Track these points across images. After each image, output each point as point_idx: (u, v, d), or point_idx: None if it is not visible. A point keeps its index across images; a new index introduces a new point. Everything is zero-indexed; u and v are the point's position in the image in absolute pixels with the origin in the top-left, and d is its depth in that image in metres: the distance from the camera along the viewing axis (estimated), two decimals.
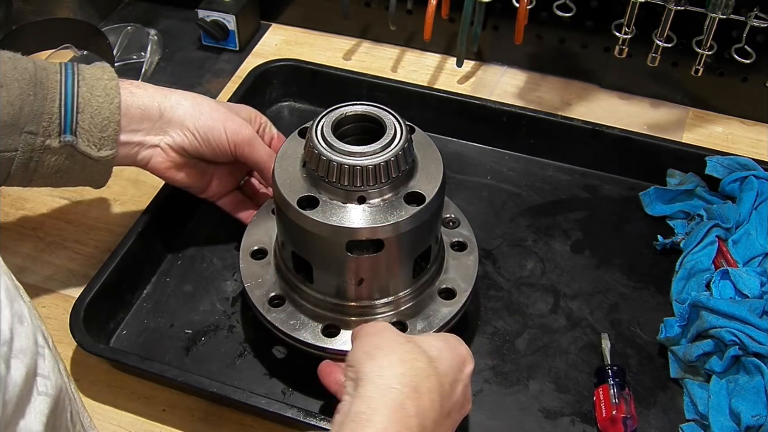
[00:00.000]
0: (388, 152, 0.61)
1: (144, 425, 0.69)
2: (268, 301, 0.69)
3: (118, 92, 0.68)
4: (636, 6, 0.85)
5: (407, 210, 0.62)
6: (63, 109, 0.66)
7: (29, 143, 0.65)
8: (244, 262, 0.71)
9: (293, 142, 0.67)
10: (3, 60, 0.66)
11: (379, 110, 0.64)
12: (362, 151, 0.61)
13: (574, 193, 0.86)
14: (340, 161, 0.60)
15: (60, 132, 0.66)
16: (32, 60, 0.68)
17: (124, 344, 0.73)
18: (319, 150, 0.61)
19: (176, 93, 0.72)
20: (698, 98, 0.97)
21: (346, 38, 1.07)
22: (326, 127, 0.63)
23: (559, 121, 0.88)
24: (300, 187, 0.64)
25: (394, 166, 0.61)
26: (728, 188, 0.80)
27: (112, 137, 0.68)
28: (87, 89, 0.67)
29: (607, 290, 0.77)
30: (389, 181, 0.62)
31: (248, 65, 1.01)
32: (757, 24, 0.84)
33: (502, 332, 0.74)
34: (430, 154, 0.67)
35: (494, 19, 0.99)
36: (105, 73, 0.69)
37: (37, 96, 0.65)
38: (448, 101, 0.90)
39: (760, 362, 0.64)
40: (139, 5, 1.14)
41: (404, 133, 0.62)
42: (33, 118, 0.65)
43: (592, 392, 0.69)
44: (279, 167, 0.66)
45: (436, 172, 0.65)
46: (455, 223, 0.75)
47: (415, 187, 0.64)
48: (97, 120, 0.67)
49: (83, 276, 0.78)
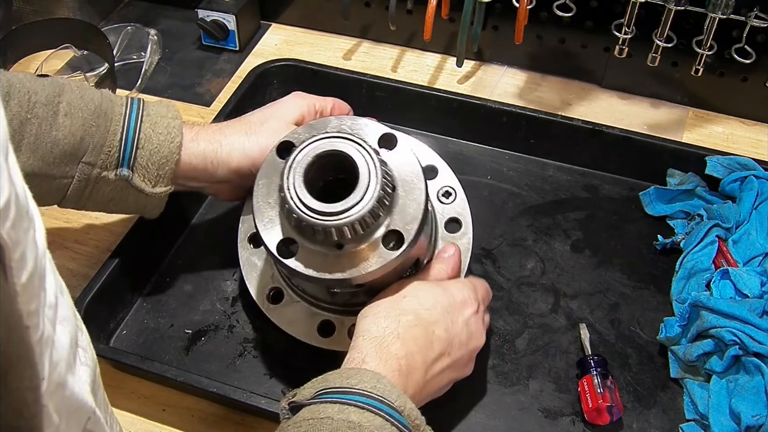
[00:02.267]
0: (361, 207, 0.59)
1: (144, 425, 0.69)
2: (267, 297, 0.69)
3: (180, 131, 0.68)
4: (636, 6, 0.85)
5: (386, 254, 0.60)
6: (123, 143, 0.66)
7: (86, 173, 0.66)
8: (242, 249, 0.71)
9: (271, 167, 0.64)
10: (71, 88, 0.66)
11: (351, 146, 0.61)
12: (335, 210, 0.59)
13: (574, 193, 0.87)
14: (313, 222, 0.59)
15: (117, 165, 0.66)
16: (100, 91, 0.68)
17: (124, 344, 0.73)
18: (292, 208, 0.59)
19: (230, 137, 0.70)
20: (698, 98, 0.97)
21: (346, 38, 1.07)
22: (297, 180, 0.60)
23: (559, 121, 0.88)
24: (279, 228, 0.62)
25: (370, 217, 0.59)
26: (728, 188, 0.80)
27: (168, 176, 0.68)
28: (150, 125, 0.67)
29: (607, 290, 0.77)
30: (365, 229, 0.60)
31: (248, 65, 1.01)
32: (757, 24, 0.84)
33: (502, 332, 0.74)
34: (411, 179, 0.63)
35: (494, 19, 0.99)
36: (169, 112, 0.69)
37: (99, 128, 0.65)
38: (448, 101, 0.90)
39: (760, 362, 0.64)
40: (139, 5, 1.14)
41: (378, 178, 0.59)
42: (93, 150, 0.65)
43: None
44: (258, 199, 0.63)
45: (416, 201, 0.62)
46: (450, 195, 0.71)
47: (393, 225, 0.61)
48: (155, 158, 0.67)
49: (83, 276, 0.78)
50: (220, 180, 0.70)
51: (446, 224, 0.70)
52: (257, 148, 0.69)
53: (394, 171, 0.63)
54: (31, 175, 0.64)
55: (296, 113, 0.72)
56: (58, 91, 0.65)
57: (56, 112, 0.64)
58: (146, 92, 1.00)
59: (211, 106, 0.98)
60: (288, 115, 0.72)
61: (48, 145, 0.64)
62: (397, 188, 0.62)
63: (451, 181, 0.72)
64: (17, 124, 0.62)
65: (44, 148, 0.64)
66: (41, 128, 0.63)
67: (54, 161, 0.64)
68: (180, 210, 0.81)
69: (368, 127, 0.64)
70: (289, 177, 0.60)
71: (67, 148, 0.64)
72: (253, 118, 0.72)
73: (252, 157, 0.69)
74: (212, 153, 0.69)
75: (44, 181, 0.65)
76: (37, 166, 0.64)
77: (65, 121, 0.64)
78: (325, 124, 0.65)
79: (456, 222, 0.70)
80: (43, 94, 0.64)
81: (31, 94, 0.63)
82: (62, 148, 0.64)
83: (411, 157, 0.64)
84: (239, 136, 0.70)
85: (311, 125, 0.65)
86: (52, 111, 0.64)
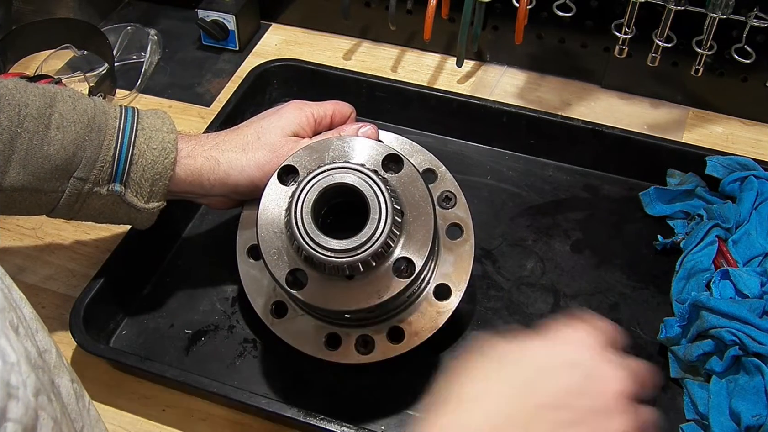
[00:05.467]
0: (373, 242, 0.58)
1: (144, 425, 0.69)
2: (270, 311, 0.69)
3: (175, 147, 0.66)
4: (636, 6, 0.85)
5: (397, 283, 0.60)
6: (117, 158, 0.64)
7: (77, 188, 0.64)
8: (242, 263, 0.70)
9: (273, 191, 0.64)
10: (63, 98, 0.64)
11: (359, 178, 0.60)
12: (347, 247, 0.58)
13: (574, 193, 0.86)
14: (324, 260, 0.58)
15: (110, 181, 0.65)
16: (92, 100, 0.66)
17: (124, 344, 0.73)
18: (302, 245, 0.59)
19: (227, 153, 0.68)
20: (698, 98, 0.97)
21: (346, 38, 1.07)
22: (306, 218, 0.59)
23: (559, 121, 0.88)
24: (287, 259, 0.62)
25: (380, 252, 0.59)
26: (728, 188, 0.80)
27: (161, 191, 0.67)
28: (144, 140, 0.65)
29: (607, 290, 0.77)
30: (377, 261, 0.60)
31: (248, 65, 1.01)
32: (757, 24, 0.84)
33: (502, 332, 0.74)
34: (418, 202, 0.62)
35: (494, 19, 0.99)
36: (165, 125, 0.67)
37: (92, 142, 0.63)
38: (448, 101, 0.90)
39: (760, 362, 0.64)
40: (139, 5, 1.14)
41: (389, 212, 0.59)
42: (85, 165, 0.63)
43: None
44: (263, 230, 0.63)
45: (425, 226, 0.62)
46: (451, 200, 0.71)
47: (404, 252, 0.61)
48: (148, 174, 0.65)
49: (83, 276, 0.78)
50: (216, 195, 0.70)
51: (447, 229, 0.70)
52: (254, 165, 0.67)
53: (402, 195, 0.62)
54: (21, 189, 0.62)
55: (294, 125, 0.70)
56: (49, 102, 0.63)
57: (48, 125, 0.62)
58: (146, 92, 1.00)
59: (211, 106, 0.98)
60: (286, 127, 0.69)
61: (39, 161, 0.62)
62: (406, 213, 0.62)
63: (451, 185, 0.71)
64: (7, 139, 0.61)
65: (35, 163, 0.62)
66: (32, 143, 0.61)
67: (45, 176, 0.62)
68: (181, 211, 0.81)
69: (372, 149, 0.64)
70: (296, 213, 0.60)
71: (59, 163, 0.62)
72: (250, 131, 0.69)
73: (249, 175, 0.67)
74: (209, 170, 0.67)
75: (33, 195, 0.63)
76: (27, 181, 0.62)
77: (57, 134, 0.62)
78: (326, 145, 0.64)
79: (457, 227, 0.70)
80: (34, 106, 0.62)
81: (21, 107, 0.61)
82: (54, 163, 0.62)
83: (417, 178, 0.63)
84: (236, 153, 0.68)
85: (312, 148, 0.65)
86: (44, 124, 0.62)
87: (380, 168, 0.63)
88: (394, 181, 0.63)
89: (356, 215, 0.61)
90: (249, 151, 0.68)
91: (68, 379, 0.46)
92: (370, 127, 0.71)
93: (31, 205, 0.65)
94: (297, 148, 0.67)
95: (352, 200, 0.61)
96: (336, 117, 0.73)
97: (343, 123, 0.73)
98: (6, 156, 0.61)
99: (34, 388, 0.37)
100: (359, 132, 0.70)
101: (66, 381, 0.46)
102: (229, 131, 0.71)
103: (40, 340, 0.45)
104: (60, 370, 0.45)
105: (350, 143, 0.64)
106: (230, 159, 0.67)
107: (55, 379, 0.44)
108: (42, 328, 0.46)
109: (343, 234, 0.60)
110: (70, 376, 0.47)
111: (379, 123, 0.78)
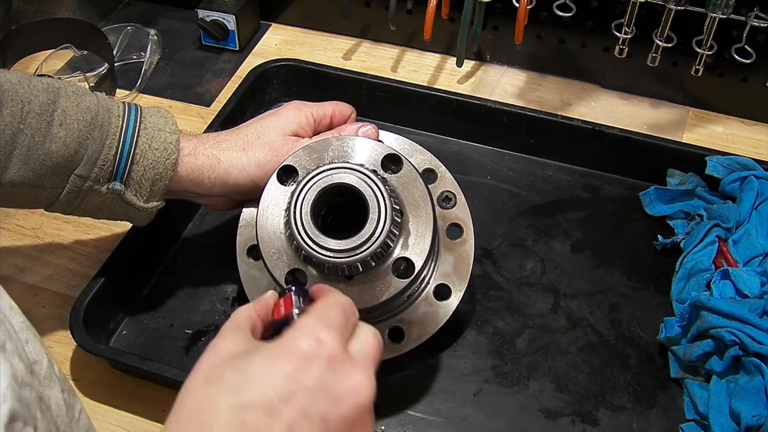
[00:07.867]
0: (372, 242, 0.59)
1: (144, 425, 0.68)
2: None
3: (177, 148, 0.66)
4: (636, 6, 0.85)
5: (397, 283, 0.60)
6: (118, 157, 0.64)
7: (77, 185, 0.64)
8: (242, 263, 0.70)
9: (273, 191, 0.64)
10: (66, 94, 0.64)
11: (358, 178, 0.61)
12: (346, 247, 0.59)
13: (574, 193, 0.86)
14: (324, 260, 0.59)
15: (110, 179, 0.65)
16: (96, 96, 0.66)
17: (124, 344, 0.73)
18: (301, 245, 0.59)
19: (227, 152, 0.68)
20: (698, 98, 0.97)
21: (346, 38, 1.07)
22: (305, 217, 0.60)
23: (559, 121, 0.87)
24: (287, 259, 0.62)
25: (379, 252, 0.59)
26: (728, 188, 0.80)
27: (161, 191, 0.67)
28: (146, 140, 0.65)
29: (607, 290, 0.77)
30: (376, 261, 0.60)
31: (248, 65, 1.01)
32: (757, 24, 0.84)
33: (502, 332, 0.74)
34: (418, 202, 0.63)
35: (494, 19, 0.99)
36: (167, 125, 0.67)
37: (95, 140, 0.63)
38: (448, 101, 0.90)
39: (760, 362, 0.64)
40: (139, 5, 1.14)
41: (389, 212, 0.59)
42: (86, 163, 0.63)
43: (592, 392, 0.69)
44: (262, 230, 0.63)
45: (425, 226, 0.62)
46: (451, 200, 0.70)
47: (403, 252, 0.61)
48: (149, 174, 0.65)
49: (83, 276, 0.78)
50: (216, 195, 0.70)
51: (447, 229, 0.70)
52: (254, 164, 0.67)
53: (401, 195, 0.62)
54: (20, 185, 0.62)
55: (293, 125, 0.70)
56: (53, 98, 0.63)
57: (50, 121, 0.62)
58: (146, 92, 1.00)
59: (211, 106, 0.98)
60: (286, 127, 0.69)
61: (40, 157, 0.62)
62: (405, 213, 0.62)
63: (451, 185, 0.71)
64: (9, 135, 0.60)
65: (36, 160, 0.62)
66: (34, 139, 0.61)
67: (45, 173, 0.62)
68: (181, 211, 0.81)
69: (372, 149, 0.64)
70: (295, 213, 0.60)
71: (60, 160, 0.62)
72: (250, 130, 0.70)
73: (249, 174, 0.67)
74: (209, 169, 0.67)
75: (33, 190, 0.63)
76: (28, 177, 0.62)
77: (59, 131, 0.62)
78: (326, 145, 0.64)
79: (457, 227, 0.70)
80: (38, 102, 0.62)
81: (24, 103, 0.61)
82: (55, 160, 0.62)
83: (416, 178, 0.63)
84: (236, 152, 0.68)
85: (312, 148, 0.65)
86: (46, 121, 0.62)
87: (380, 168, 0.63)
88: (393, 181, 0.63)
89: (356, 215, 0.61)
90: (249, 150, 0.68)
91: (59, 390, 0.46)
92: (370, 126, 0.71)
93: (30, 199, 0.65)
94: (297, 147, 0.67)
95: (351, 200, 0.61)
96: (336, 117, 0.73)
97: (343, 123, 0.73)
98: (7, 152, 0.61)
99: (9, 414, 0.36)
100: (359, 132, 0.70)
101: (56, 392, 0.45)
102: (229, 131, 0.71)
103: (30, 351, 0.44)
104: (51, 381, 0.45)
105: (350, 143, 0.64)
106: (231, 157, 0.68)
107: (44, 393, 0.43)
108: (34, 337, 0.45)
109: (343, 234, 0.60)
110: (60, 386, 0.46)
111: (379, 123, 0.78)
